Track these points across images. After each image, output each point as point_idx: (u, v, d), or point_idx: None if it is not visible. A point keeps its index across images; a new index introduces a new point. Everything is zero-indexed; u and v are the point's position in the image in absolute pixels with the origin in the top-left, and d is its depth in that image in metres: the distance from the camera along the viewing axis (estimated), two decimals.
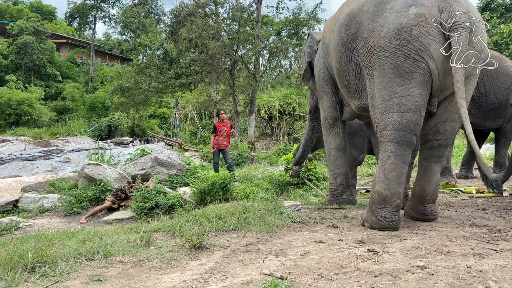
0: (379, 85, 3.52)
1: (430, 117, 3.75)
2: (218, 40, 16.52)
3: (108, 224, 5.77)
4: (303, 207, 4.76)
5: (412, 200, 4.06)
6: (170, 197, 6.26)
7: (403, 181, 3.57)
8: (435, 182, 3.89)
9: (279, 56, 17.82)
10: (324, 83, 4.84)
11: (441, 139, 3.79)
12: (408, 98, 3.40)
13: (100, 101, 28.10)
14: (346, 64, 4.02)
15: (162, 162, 8.20)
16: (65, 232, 3.82)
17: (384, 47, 3.43)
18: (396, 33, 3.36)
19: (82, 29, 39.96)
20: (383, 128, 3.53)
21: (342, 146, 4.98)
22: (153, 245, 3.08)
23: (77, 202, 6.96)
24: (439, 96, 3.64)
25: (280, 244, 3.07)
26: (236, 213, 3.94)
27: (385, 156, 3.53)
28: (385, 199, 3.49)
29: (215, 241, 3.12)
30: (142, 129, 26.20)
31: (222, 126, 8.72)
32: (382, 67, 3.47)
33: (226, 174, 6.57)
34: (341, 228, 3.61)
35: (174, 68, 18.35)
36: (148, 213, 5.98)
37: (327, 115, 4.94)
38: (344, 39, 3.93)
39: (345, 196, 4.97)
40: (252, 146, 16.29)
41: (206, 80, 17.17)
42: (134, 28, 36.62)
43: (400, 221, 3.57)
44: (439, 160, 3.88)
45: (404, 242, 3.08)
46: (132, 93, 19.31)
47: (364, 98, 3.97)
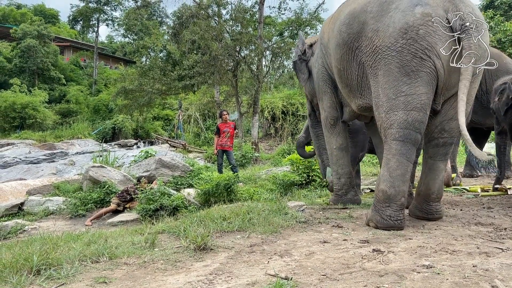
0: (384, 84, 3.52)
1: (435, 115, 3.74)
2: (221, 41, 16.53)
3: (113, 226, 5.79)
4: (308, 207, 4.75)
5: (417, 199, 4.04)
6: (175, 199, 6.27)
7: (407, 179, 3.56)
8: (440, 180, 3.88)
9: (281, 56, 17.82)
10: (324, 84, 4.84)
11: (446, 137, 3.78)
12: (414, 97, 3.39)
13: (104, 104, 28.18)
14: (347, 63, 4.01)
15: (166, 164, 8.22)
16: (70, 235, 3.83)
17: (390, 46, 3.43)
18: (403, 32, 3.37)
19: (85, 32, 40.02)
20: (388, 126, 3.53)
21: (344, 146, 4.97)
22: (158, 246, 3.09)
23: (82, 205, 6.99)
24: (444, 95, 3.63)
25: (285, 244, 3.07)
26: (240, 214, 3.93)
27: (390, 155, 3.52)
28: (390, 197, 3.48)
29: (219, 242, 3.12)
30: (146, 131, 26.25)
31: (225, 127, 8.73)
32: (388, 66, 3.47)
33: (230, 175, 6.57)
34: (346, 228, 3.60)
35: (177, 70, 18.36)
36: (153, 214, 6.00)
37: (327, 115, 4.93)
38: (346, 38, 3.92)
39: (349, 196, 4.96)
40: (255, 147, 16.29)
41: (209, 82, 17.17)
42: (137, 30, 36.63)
43: (405, 220, 3.56)
44: (444, 158, 3.87)
45: (409, 241, 3.06)
46: (136, 95, 19.34)
47: (366, 97, 3.96)
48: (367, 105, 4.01)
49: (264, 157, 16.04)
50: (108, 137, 24.69)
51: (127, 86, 18.99)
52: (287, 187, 6.82)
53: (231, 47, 16.18)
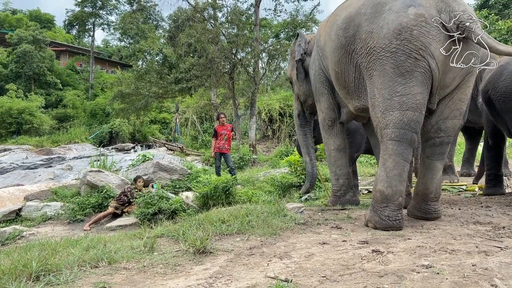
0: (379, 85, 3.54)
1: (430, 115, 3.76)
2: (217, 44, 16.57)
3: (112, 231, 5.77)
4: (306, 209, 4.76)
5: (415, 198, 4.05)
6: (173, 202, 6.27)
7: (404, 179, 3.57)
8: (438, 179, 3.89)
9: (278, 58, 17.86)
10: (321, 85, 4.85)
11: (442, 136, 3.80)
12: (409, 97, 3.41)
13: (100, 108, 28.16)
14: (345, 66, 4.03)
15: (164, 167, 8.21)
16: (69, 240, 3.82)
17: (385, 47, 3.45)
18: (397, 33, 3.39)
19: (81, 36, 40.03)
20: (384, 126, 3.54)
21: (342, 146, 4.98)
22: (157, 250, 3.08)
23: (80, 210, 6.97)
24: (439, 94, 3.65)
25: (284, 246, 3.07)
26: (239, 217, 3.94)
27: (386, 155, 3.53)
28: (387, 197, 3.49)
29: (219, 245, 3.12)
30: (143, 134, 26.24)
31: (222, 130, 8.72)
32: (383, 67, 3.49)
33: (228, 178, 6.57)
34: (345, 229, 3.60)
35: (173, 73, 18.36)
36: (151, 218, 5.99)
37: (325, 117, 4.94)
38: (343, 42, 3.94)
39: (348, 197, 4.96)
40: (253, 149, 16.29)
41: (206, 84, 17.19)
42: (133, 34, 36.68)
43: (403, 219, 3.56)
44: (441, 158, 3.88)
45: (408, 241, 3.07)
46: (133, 99, 19.34)
47: (363, 99, 3.98)
48: (364, 106, 4.03)
49: (262, 159, 16.05)
50: (106, 141, 24.67)
51: (123, 90, 18.99)
52: (285, 188, 6.82)
53: (227, 49, 16.21)
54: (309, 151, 5.81)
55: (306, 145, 5.82)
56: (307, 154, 5.80)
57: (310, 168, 5.70)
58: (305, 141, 5.81)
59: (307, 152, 5.82)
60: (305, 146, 5.84)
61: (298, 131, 5.93)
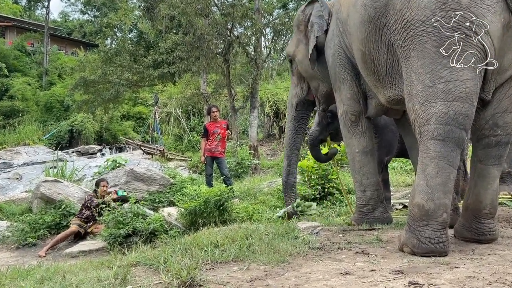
0: (418, 69, 3.53)
1: (484, 107, 3.74)
2: (208, 17, 16.56)
3: (73, 258, 5.78)
4: (324, 229, 4.76)
5: (464, 215, 4.04)
6: (151, 221, 6.27)
7: (450, 189, 3.55)
8: (494, 191, 3.88)
9: (286, 35, 17.86)
10: (342, 69, 4.84)
11: (500, 135, 3.78)
12: (456, 84, 3.40)
13: (58, 100, 28.22)
14: (374, 45, 4.02)
15: (140, 176, 8.23)
16: (18, 270, 3.83)
17: (425, 20, 3.45)
18: (441, 2, 3.38)
19: (33, 8, 40.19)
20: (424, 122, 3.53)
21: (369, 148, 4.96)
22: (131, 283, 3.08)
23: (31, 231, 6.97)
24: (496, 80, 3.63)
25: (295, 278, 3.06)
26: (237, 239, 3.94)
27: (427, 158, 3.53)
28: (428, 213, 3.48)
29: (211, 277, 3.12)
30: (113, 134, 26.30)
31: (215, 128, 8.72)
32: (423, 45, 3.48)
33: (222, 189, 6.58)
34: (373, 255, 3.60)
35: (151, 54, 18.40)
36: (124, 242, 5.99)
37: (347, 110, 4.93)
38: (372, 14, 3.93)
39: (377, 213, 4.96)
40: (254, 152, 16.30)
41: (194, 69, 17.20)
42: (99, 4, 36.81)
43: (449, 242, 3.56)
44: (498, 162, 3.86)
45: (455, 271, 3.06)
46: (99, 88, 19.38)
47: (399, 87, 3.97)
48: (398, 96, 4.02)
49: (265, 165, 16.06)
50: (64, 142, 24.72)
51: (87, 77, 19.02)
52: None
53: (221, 24, 16.20)
54: (291, 153, 5.94)
55: (291, 145, 5.94)
56: (287, 157, 5.95)
57: (285, 175, 5.79)
58: (292, 139, 5.91)
59: (288, 155, 5.95)
60: (289, 146, 5.96)
61: (289, 125, 6.00)
